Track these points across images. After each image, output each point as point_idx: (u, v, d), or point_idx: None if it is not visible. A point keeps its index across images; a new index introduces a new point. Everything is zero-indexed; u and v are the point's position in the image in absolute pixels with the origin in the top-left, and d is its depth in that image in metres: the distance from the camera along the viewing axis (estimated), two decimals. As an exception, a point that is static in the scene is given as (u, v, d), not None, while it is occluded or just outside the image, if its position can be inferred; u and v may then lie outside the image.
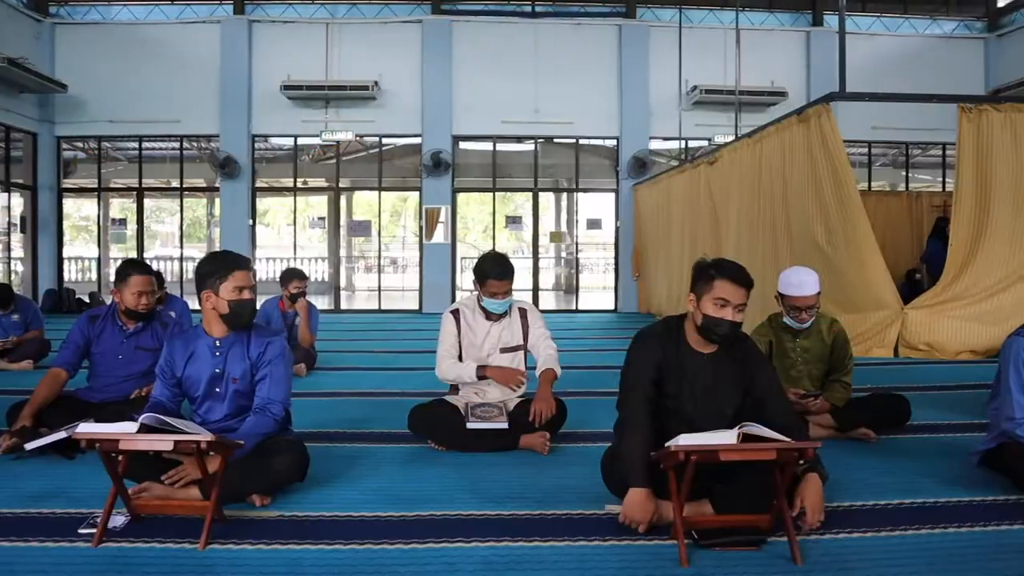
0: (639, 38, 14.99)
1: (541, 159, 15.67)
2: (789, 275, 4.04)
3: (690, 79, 14.68)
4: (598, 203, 16.55)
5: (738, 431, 2.50)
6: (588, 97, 14.95)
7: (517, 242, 22.03)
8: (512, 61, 14.86)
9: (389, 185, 16.25)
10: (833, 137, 7.60)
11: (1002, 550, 2.65)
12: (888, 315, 7.70)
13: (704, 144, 14.98)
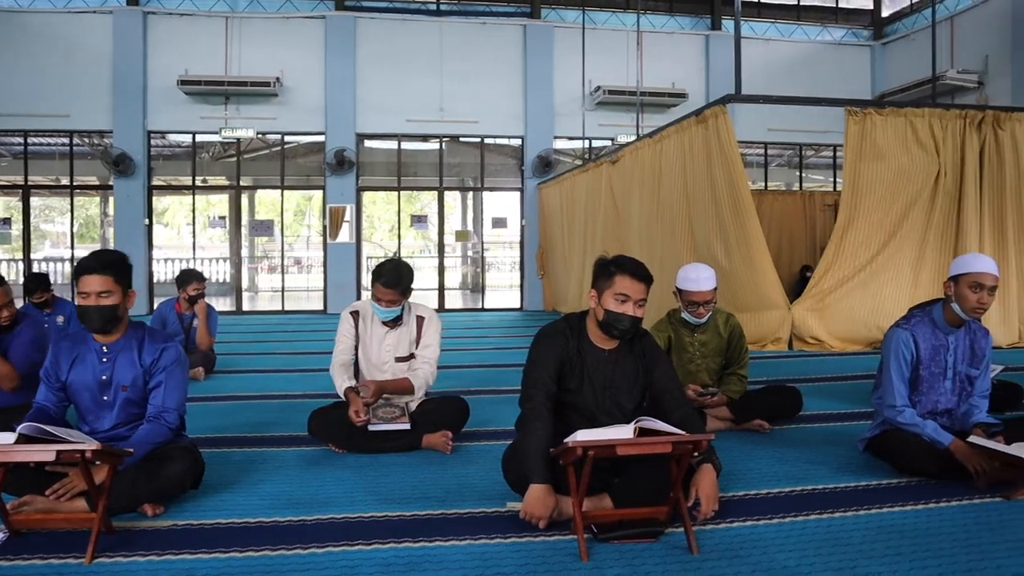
0: (544, 38, 15.12)
1: (447, 158, 15.63)
2: (687, 271, 4.14)
3: (594, 79, 14.90)
4: (503, 202, 16.62)
5: (634, 425, 2.55)
6: (493, 96, 14.99)
7: (423, 241, 21.94)
8: (417, 59, 14.77)
9: (292, 184, 15.93)
10: (728, 138, 7.82)
11: (884, 531, 2.78)
12: (778, 315, 7.98)
13: (607, 144, 15.22)
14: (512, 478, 3.01)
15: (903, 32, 16.48)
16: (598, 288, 2.99)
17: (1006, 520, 2.88)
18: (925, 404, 3.54)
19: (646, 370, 3.08)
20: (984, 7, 14.36)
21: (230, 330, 10.76)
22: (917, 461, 3.36)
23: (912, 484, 3.33)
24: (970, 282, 3.37)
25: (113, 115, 14.00)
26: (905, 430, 3.43)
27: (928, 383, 3.52)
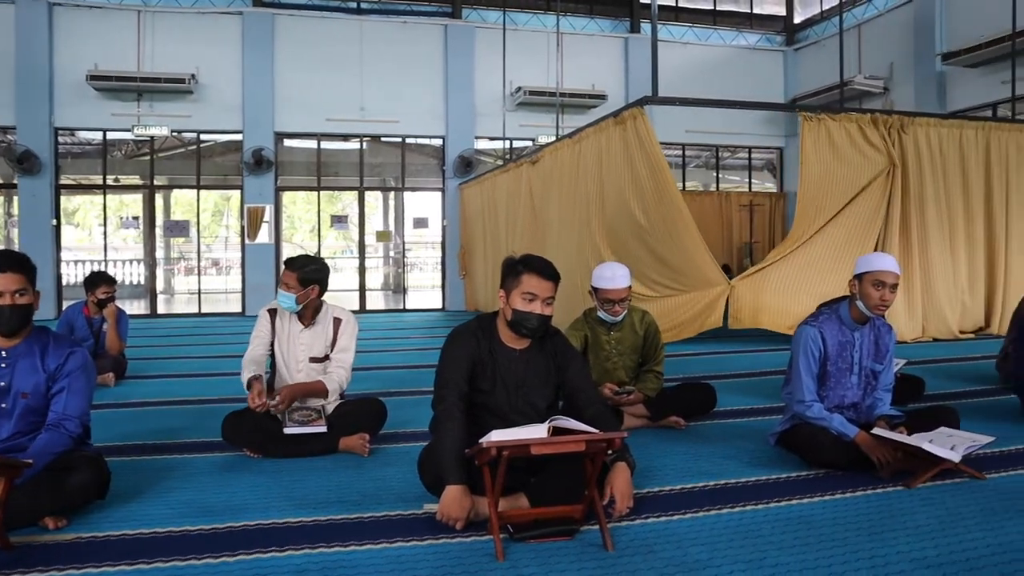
0: (465, 38, 15.11)
1: (367, 158, 15.49)
2: (602, 269, 4.19)
3: (515, 80, 14.96)
4: (425, 202, 16.55)
5: (548, 424, 2.56)
6: (414, 96, 14.91)
7: (344, 241, 21.66)
8: (337, 58, 14.59)
9: (209, 183, 15.55)
10: (648, 138, 7.95)
11: (793, 522, 2.85)
12: (718, 291, 8.17)
13: (528, 144, 15.30)
14: (428, 480, 2.99)
15: (814, 39, 17.02)
16: (506, 288, 3.00)
17: (907, 508, 2.99)
18: (832, 398, 3.65)
19: (559, 369, 3.10)
20: (889, 16, 14.93)
21: (143, 334, 10.43)
22: (825, 454, 3.47)
23: (820, 476, 3.43)
24: (873, 280, 3.48)
25: (16, 111, 13.41)
26: (814, 424, 3.53)
27: (835, 378, 3.63)
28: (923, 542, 2.64)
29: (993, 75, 12.52)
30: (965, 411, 4.47)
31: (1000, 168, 9.29)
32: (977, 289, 9.25)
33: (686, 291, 8.25)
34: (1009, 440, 4.04)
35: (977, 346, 8.14)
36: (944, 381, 5.97)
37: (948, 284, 8.92)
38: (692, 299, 8.21)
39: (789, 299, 8.11)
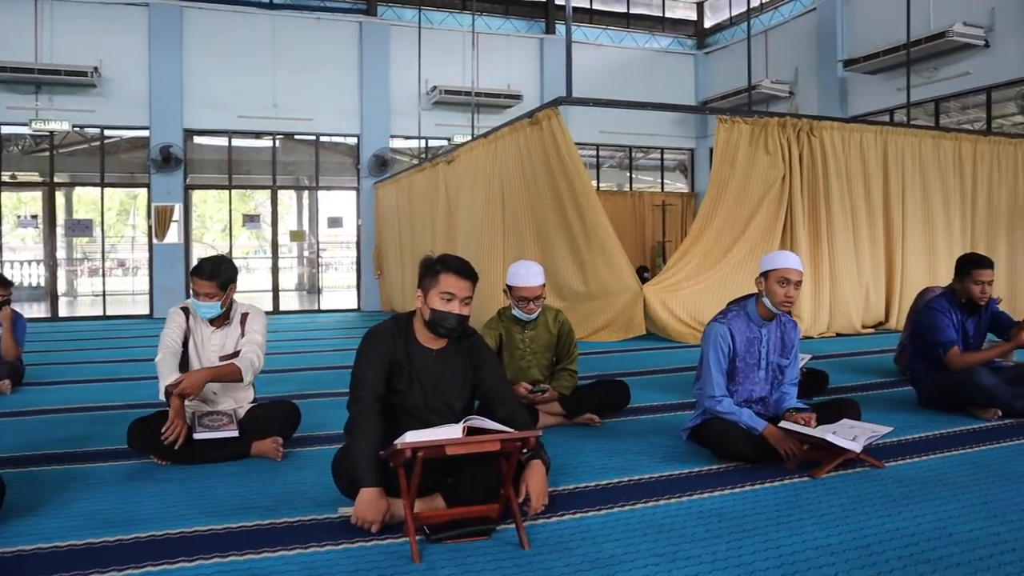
0: (380, 36, 14.97)
1: (280, 156, 15.20)
2: (516, 268, 4.21)
3: (430, 79, 14.90)
4: (339, 201, 16.35)
5: (463, 424, 2.55)
6: (329, 93, 14.70)
7: (257, 241, 21.21)
8: (249, 53, 14.27)
9: (114, 181, 15.02)
10: (563, 138, 8.03)
11: (705, 515, 2.91)
12: (632, 297, 8.31)
13: (444, 143, 15.26)
14: (343, 483, 2.95)
15: (724, 43, 17.47)
16: (424, 287, 2.99)
17: (812, 497, 3.09)
18: (741, 393, 3.75)
19: (474, 368, 3.10)
20: (794, 24, 15.44)
21: (43, 338, 9.99)
22: (735, 447, 3.55)
23: (731, 469, 3.51)
24: (778, 277, 3.59)
25: (-100, 103, 12.69)
26: (724, 418, 3.61)
27: (744, 373, 3.73)
28: (827, 530, 2.73)
29: (890, 82, 13.08)
30: (866, 403, 4.65)
31: (897, 170, 9.71)
32: (878, 285, 9.65)
33: (602, 296, 8.35)
34: (907, 430, 4.22)
35: (878, 340, 8.48)
36: (847, 374, 6.20)
37: (852, 281, 9.27)
38: (608, 303, 8.32)
39: (701, 304, 8.32)
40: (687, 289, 8.47)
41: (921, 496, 3.09)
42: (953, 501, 3.03)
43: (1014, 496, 3.09)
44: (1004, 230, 10.44)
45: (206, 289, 3.82)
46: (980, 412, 4.54)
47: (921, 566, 2.42)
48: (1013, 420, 4.47)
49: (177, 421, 3.57)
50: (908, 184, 9.80)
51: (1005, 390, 4.49)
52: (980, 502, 3.02)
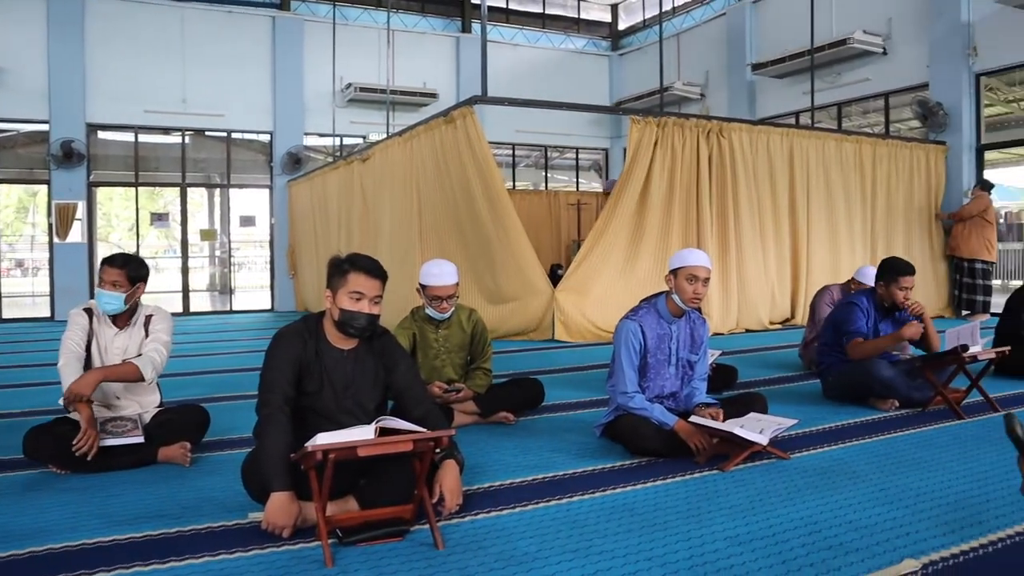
0: (294, 32, 14.70)
1: (190, 152, 14.77)
2: (429, 267, 4.20)
3: (345, 76, 14.72)
4: (252, 200, 15.98)
5: (375, 425, 2.53)
6: (240, 89, 14.36)
7: (166, 240, 20.59)
8: (156, 46, 13.81)
9: (11, 177, 14.39)
10: (478, 138, 8.03)
11: (617, 510, 2.95)
12: (544, 300, 8.35)
13: (359, 142, 15.09)
14: (253, 488, 2.88)
15: (637, 45, 17.76)
16: (333, 287, 2.94)
17: (721, 489, 3.17)
18: (653, 389, 3.82)
19: (387, 369, 3.07)
20: (705, 27, 15.81)
21: (-68, 343, 9.49)
22: (647, 442, 3.62)
23: (643, 464, 3.57)
24: (687, 275, 3.68)
25: None
26: (636, 414, 3.67)
27: (655, 369, 3.80)
28: (735, 521, 2.80)
29: (796, 86, 13.51)
30: (773, 396, 4.80)
31: (802, 171, 10.05)
32: (784, 283, 9.97)
33: (515, 297, 8.38)
34: (811, 422, 4.38)
35: (784, 336, 8.75)
36: (755, 369, 6.38)
37: (759, 278, 9.55)
38: (520, 306, 8.37)
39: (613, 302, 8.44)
40: (598, 288, 8.58)
41: (824, 485, 3.20)
42: (854, 489, 3.15)
43: (910, 482, 3.23)
44: (901, 229, 10.91)
45: (113, 277, 3.69)
46: (879, 403, 4.74)
47: (823, 552, 2.51)
48: (909, 410, 4.68)
49: (90, 432, 3.43)
50: (812, 184, 10.15)
51: (902, 382, 4.70)
52: (878, 489, 3.15)
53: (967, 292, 10.67)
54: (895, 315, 5.02)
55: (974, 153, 11.36)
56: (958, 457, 3.64)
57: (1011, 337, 5.75)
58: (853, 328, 4.87)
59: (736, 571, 2.37)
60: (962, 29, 11.09)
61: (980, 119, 11.39)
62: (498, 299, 8.57)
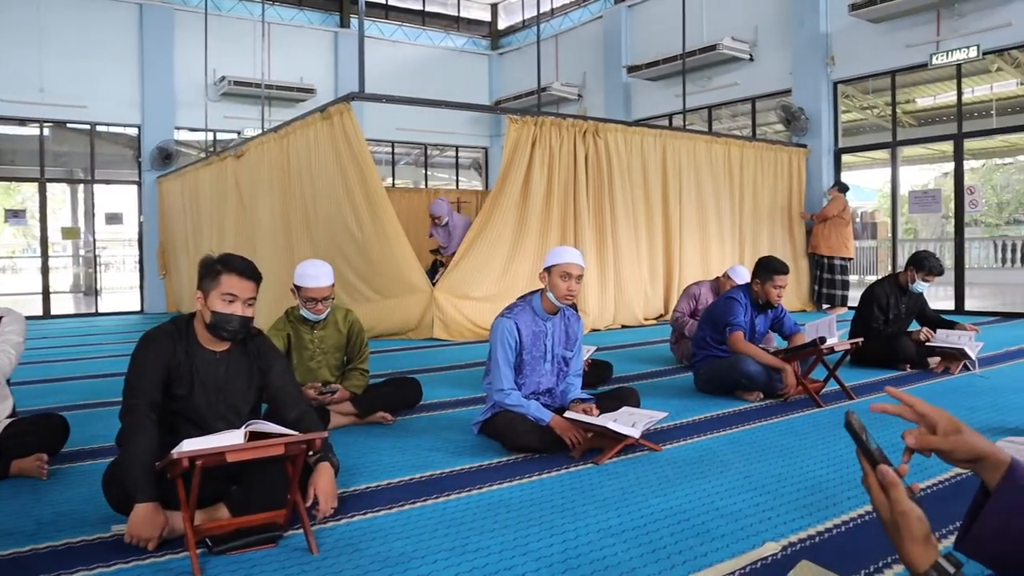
0: (163, 21, 14.10)
1: (50, 145, 13.95)
2: (304, 267, 4.11)
3: (219, 69, 14.24)
4: (119, 196, 15.23)
5: (244, 430, 2.47)
6: (105, 79, 13.66)
7: (24, 239, 19.41)
8: (9, 30, 12.95)
9: None
10: (355, 135, 7.94)
11: (493, 507, 2.98)
12: (422, 298, 8.32)
13: (234, 137, 14.64)
14: (115, 499, 2.75)
15: (516, 45, 17.93)
16: (204, 289, 2.85)
17: (595, 483, 3.25)
18: (529, 385, 3.88)
19: (261, 371, 3.00)
20: (582, 29, 16.11)
21: None
22: (523, 438, 3.67)
23: (520, 460, 3.62)
24: (560, 272, 3.75)
25: None
26: (512, 411, 3.72)
27: (531, 366, 3.86)
28: (608, 513, 2.88)
29: (669, 88, 13.96)
30: (647, 390, 4.96)
31: (674, 171, 10.39)
32: (657, 279, 10.29)
33: (392, 296, 8.35)
34: (682, 414, 4.54)
35: (658, 331, 9.02)
36: (630, 364, 6.56)
37: (635, 275, 9.82)
38: (398, 304, 8.34)
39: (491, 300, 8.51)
40: (478, 287, 8.63)
41: (693, 475, 3.33)
42: (721, 477, 3.29)
43: (773, 469, 3.41)
44: (766, 227, 11.45)
45: None
46: (745, 395, 4.96)
47: (691, 539, 2.61)
48: (772, 400, 4.92)
49: None
50: (684, 184, 10.51)
51: (766, 374, 4.93)
52: (743, 477, 3.31)
53: (827, 287, 11.31)
54: (767, 312, 5.28)
55: (832, 156, 12.03)
56: (816, 443, 3.85)
57: (864, 329, 6.14)
58: (735, 320, 5.09)
59: (608, 562, 2.44)
60: (821, 39, 11.72)
61: (838, 124, 12.07)
62: (376, 298, 8.50)
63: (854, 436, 1.35)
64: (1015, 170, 24.28)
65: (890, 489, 1.29)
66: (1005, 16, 9.93)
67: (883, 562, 2.38)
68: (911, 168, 20.40)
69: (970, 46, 10.19)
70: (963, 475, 3.30)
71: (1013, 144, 17.11)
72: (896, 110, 11.95)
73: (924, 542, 1.27)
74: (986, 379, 5.63)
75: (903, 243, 15.15)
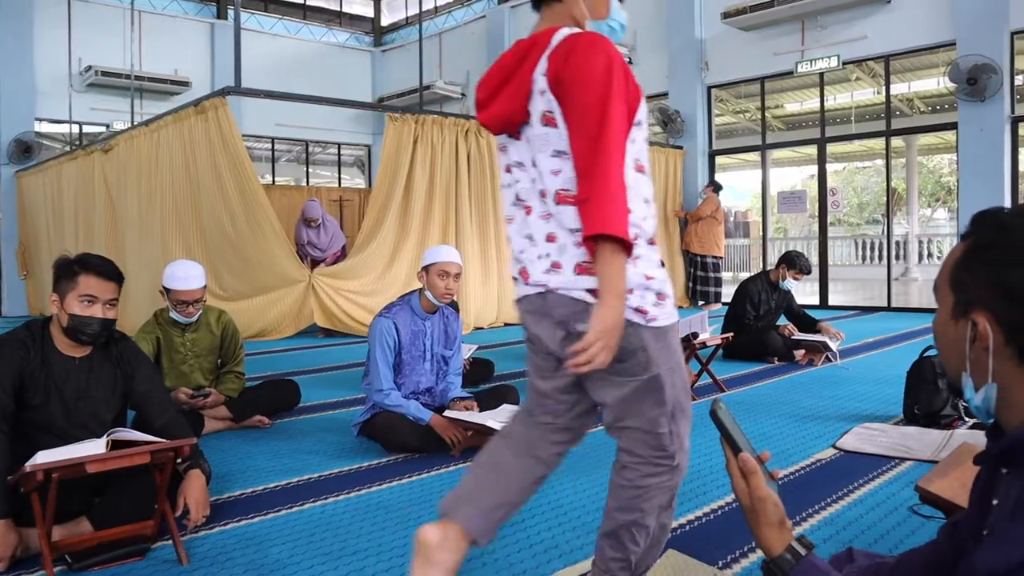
0: (20, 6, 13.24)
1: None
2: (174, 269, 3.95)
3: (84, 58, 13.51)
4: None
5: (107, 439, 2.36)
6: (-46, 67, 12.75)
7: None
8: None
9: None
10: (231, 130, 7.71)
11: (372, 508, 2.96)
12: (300, 288, 8.19)
13: (103, 130, 13.95)
14: (-38, 518, 2.59)
15: (400, 42, 17.79)
16: (60, 291, 2.70)
17: (473, 481, 3.27)
18: (408, 385, 3.87)
19: (126, 376, 2.87)
20: (466, 28, 16.14)
21: None
22: (403, 438, 3.66)
23: (399, 460, 3.61)
24: (438, 271, 3.75)
25: None
26: (392, 411, 3.70)
27: (410, 366, 3.85)
28: (486, 511, 2.90)
29: (551, 88, 14.13)
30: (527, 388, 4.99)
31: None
32: (541, 278, 10.40)
33: (270, 291, 8.19)
34: (560, 410, 4.61)
35: (541, 329, 9.13)
36: (512, 362, 6.62)
37: (518, 273, 9.90)
38: (278, 298, 8.18)
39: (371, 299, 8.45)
40: (355, 281, 8.56)
41: (572, 470, 3.38)
42: (600, 471, 3.36)
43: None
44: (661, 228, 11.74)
45: None
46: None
47: (568, 533, 2.68)
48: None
49: None
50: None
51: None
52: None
53: (701, 284, 11.72)
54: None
55: (707, 157, 12.48)
56: (691, 435, 3.97)
57: (736, 324, 6.40)
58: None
59: (486, 559, 2.47)
60: (696, 45, 12.14)
61: (712, 127, 12.53)
62: (253, 294, 8.28)
63: (719, 424, 1.41)
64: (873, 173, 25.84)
65: (750, 476, 1.35)
66: (862, 29, 10.54)
67: (748, 547, 2.49)
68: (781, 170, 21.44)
69: (831, 56, 10.77)
70: (821, 462, 3.49)
71: (871, 148, 18.22)
72: (766, 115, 12.50)
73: (779, 527, 1.33)
74: (847, 370, 5.97)
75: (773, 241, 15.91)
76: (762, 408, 4.65)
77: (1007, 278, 1.12)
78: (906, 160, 18.66)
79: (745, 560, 2.42)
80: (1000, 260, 1.14)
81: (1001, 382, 1.16)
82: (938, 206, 27.32)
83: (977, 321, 1.16)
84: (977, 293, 1.16)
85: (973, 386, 1.21)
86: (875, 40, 10.47)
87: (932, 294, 1.30)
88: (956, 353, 1.22)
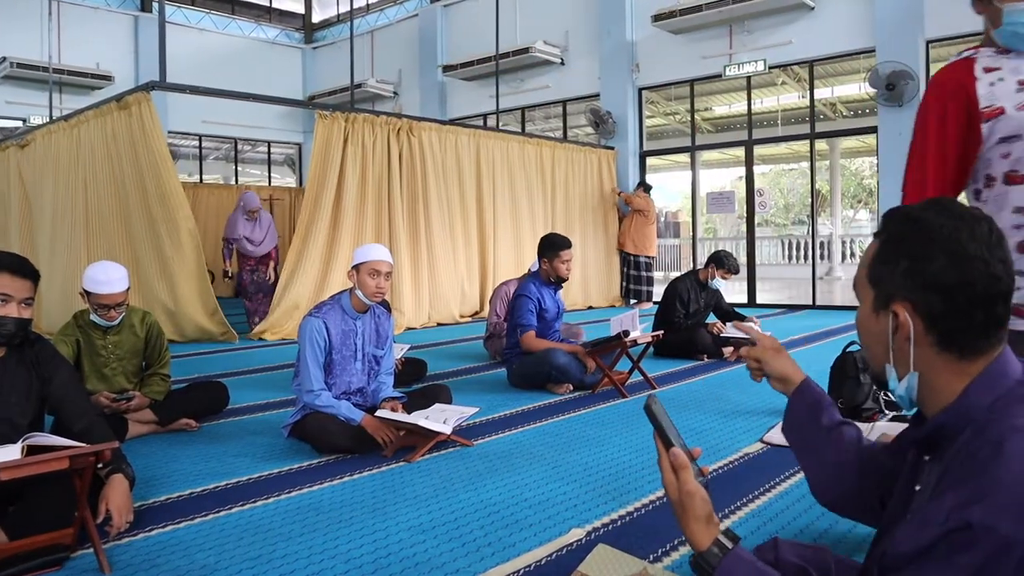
0: (-72, -6, 12.73)
1: None
2: (95, 271, 3.78)
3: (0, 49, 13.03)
4: None
5: (22, 444, 2.28)
6: None
7: None
8: None
9: None
10: (152, 126, 7.51)
11: (303, 511, 2.92)
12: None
13: (19, 124, 13.45)
14: None
15: (331, 39, 17.59)
16: None
17: (407, 480, 3.25)
18: (340, 385, 3.82)
19: (43, 380, 2.77)
20: (397, 27, 16.04)
21: None
22: (334, 439, 3.62)
23: (331, 462, 3.56)
24: (368, 270, 3.73)
25: None
26: (323, 412, 3.66)
27: (341, 366, 3.81)
28: (419, 510, 2.89)
29: (483, 89, 14.16)
30: (461, 386, 5.01)
31: (488, 171, 10.56)
32: (473, 276, 10.41)
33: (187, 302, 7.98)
34: (494, 408, 4.63)
35: (474, 328, 9.14)
36: (444, 361, 6.61)
37: (450, 273, 9.89)
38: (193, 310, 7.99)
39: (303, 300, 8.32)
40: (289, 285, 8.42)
41: (504, 468, 3.40)
42: (530, 469, 3.39)
43: (579, 459, 3.54)
44: (578, 226, 11.84)
45: None
46: (555, 388, 5.13)
47: (500, 531, 2.67)
48: (581, 393, 5.11)
49: None
50: (498, 183, 10.70)
51: (577, 367, 5.12)
52: (552, 467, 3.42)
53: (634, 283, 11.87)
54: (558, 291, 5.52)
55: (638, 158, 12.64)
56: (621, 432, 4.04)
57: (666, 322, 6.50)
58: (524, 322, 5.26)
59: (419, 559, 2.45)
60: (627, 47, 12.28)
61: (642, 128, 12.69)
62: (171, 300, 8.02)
63: (652, 419, 1.43)
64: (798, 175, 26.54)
65: (680, 471, 1.37)
66: (788, 35, 10.82)
67: (678, 540, 2.54)
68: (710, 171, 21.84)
69: (758, 60, 11.01)
70: (748, 456, 3.57)
71: (796, 151, 18.69)
72: (695, 117, 12.72)
73: (707, 521, 1.35)
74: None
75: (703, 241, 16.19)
76: (692, 404, 4.74)
77: (923, 268, 1.17)
78: (830, 163, 19.21)
79: (676, 553, 2.46)
80: (914, 252, 1.18)
81: (922, 370, 1.21)
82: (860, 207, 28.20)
83: (898, 312, 1.20)
84: (895, 285, 1.21)
85: (896, 376, 1.25)
86: (799, 46, 10.75)
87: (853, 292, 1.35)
88: (879, 345, 1.26)
